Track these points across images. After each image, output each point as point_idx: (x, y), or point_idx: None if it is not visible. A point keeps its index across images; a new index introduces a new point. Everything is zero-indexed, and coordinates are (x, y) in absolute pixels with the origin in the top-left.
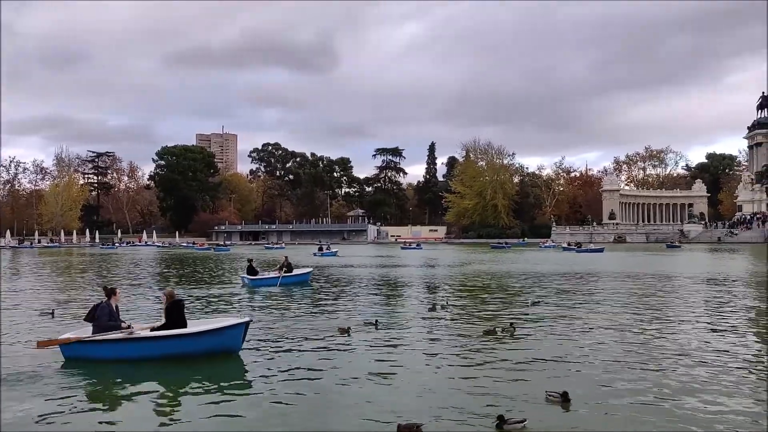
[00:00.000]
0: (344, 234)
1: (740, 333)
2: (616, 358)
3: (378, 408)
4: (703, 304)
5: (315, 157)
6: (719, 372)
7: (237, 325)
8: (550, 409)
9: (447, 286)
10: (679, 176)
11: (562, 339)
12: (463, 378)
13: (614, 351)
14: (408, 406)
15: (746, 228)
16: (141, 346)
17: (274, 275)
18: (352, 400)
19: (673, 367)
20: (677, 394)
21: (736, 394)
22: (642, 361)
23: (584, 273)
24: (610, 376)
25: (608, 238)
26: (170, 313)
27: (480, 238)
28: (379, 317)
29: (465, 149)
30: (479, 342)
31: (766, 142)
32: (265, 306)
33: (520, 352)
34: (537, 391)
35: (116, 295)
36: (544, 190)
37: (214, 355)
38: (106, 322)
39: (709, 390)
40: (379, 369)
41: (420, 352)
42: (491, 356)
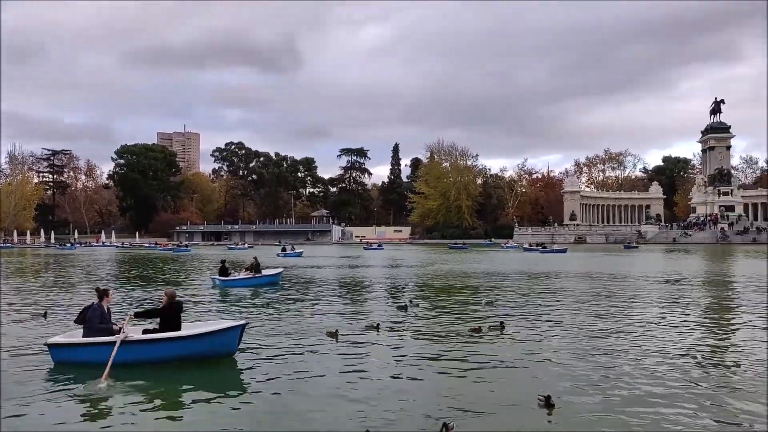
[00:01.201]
0: (308, 234)
1: (711, 332)
2: (585, 357)
3: (373, 411)
4: (663, 303)
5: (279, 157)
6: (682, 370)
7: (233, 328)
8: (535, 413)
9: (415, 286)
10: (637, 178)
11: (534, 339)
12: (443, 380)
13: (582, 350)
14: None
15: (700, 229)
16: (134, 350)
17: (243, 276)
18: (349, 404)
19: (634, 364)
20: (646, 390)
21: (713, 391)
22: (613, 361)
23: (549, 273)
24: (585, 375)
25: (569, 239)
26: (167, 314)
27: (444, 239)
28: (357, 320)
29: (429, 150)
30: (454, 343)
31: (718, 146)
32: (242, 308)
33: (492, 352)
34: (522, 394)
35: (109, 297)
36: (507, 191)
37: (210, 358)
38: (97, 325)
39: (675, 391)
40: (373, 373)
41: (406, 354)
42: (469, 356)
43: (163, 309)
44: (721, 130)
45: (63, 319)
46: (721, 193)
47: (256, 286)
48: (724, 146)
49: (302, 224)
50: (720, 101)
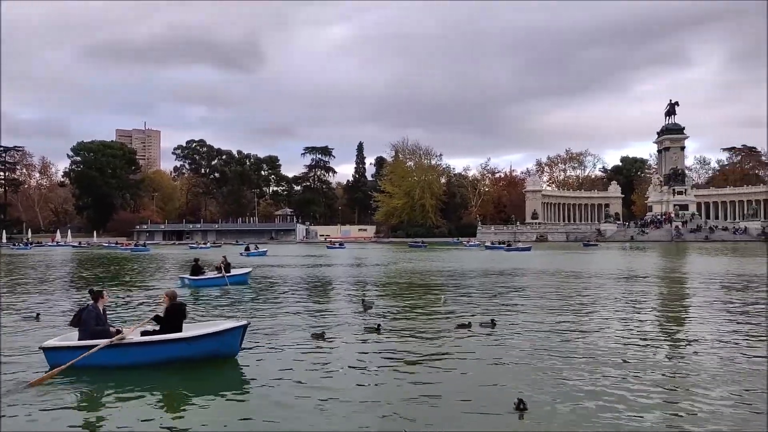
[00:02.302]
0: (272, 233)
1: (671, 328)
2: (558, 357)
3: (373, 412)
4: (623, 300)
5: (242, 155)
6: (650, 368)
7: (235, 329)
8: (507, 416)
9: (383, 286)
10: (597, 178)
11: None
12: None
13: (555, 350)
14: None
15: (656, 227)
16: (132, 352)
17: (212, 275)
18: (351, 405)
19: (605, 363)
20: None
21: (677, 388)
22: (582, 361)
23: (517, 270)
24: (557, 377)
25: (531, 237)
26: (169, 316)
27: (409, 237)
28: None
29: (394, 149)
30: (428, 342)
31: (673, 147)
32: (215, 307)
33: (467, 351)
34: (496, 396)
35: (104, 298)
36: (471, 190)
37: (211, 360)
38: (92, 327)
39: (631, 388)
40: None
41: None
42: (441, 356)
43: (167, 311)
44: (675, 131)
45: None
46: (676, 193)
47: (225, 286)
48: (678, 147)
49: (266, 223)
50: (674, 103)
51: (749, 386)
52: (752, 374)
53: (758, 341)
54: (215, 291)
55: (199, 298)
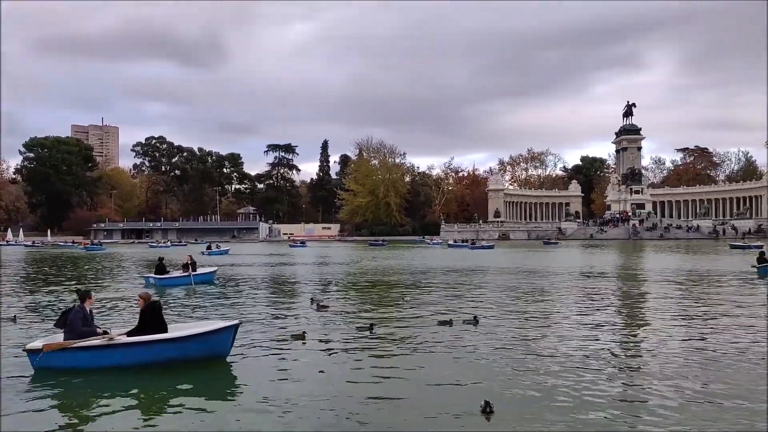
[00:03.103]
0: (234, 232)
1: (628, 326)
2: (523, 357)
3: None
4: (583, 297)
5: (204, 153)
6: (612, 367)
7: (226, 329)
8: (473, 418)
9: (348, 285)
10: (558, 177)
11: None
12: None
13: (520, 349)
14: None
15: (614, 226)
16: (120, 354)
17: (178, 274)
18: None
19: (574, 364)
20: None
21: (647, 387)
22: (550, 361)
23: (482, 268)
24: (523, 377)
25: (493, 235)
26: (146, 316)
27: (373, 236)
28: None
29: (358, 147)
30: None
31: (630, 147)
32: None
33: (435, 351)
34: (463, 398)
35: (91, 299)
36: (434, 189)
37: (201, 361)
38: (80, 328)
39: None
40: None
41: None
42: (407, 356)
43: (143, 313)
44: (633, 132)
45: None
46: (633, 192)
47: (191, 285)
48: (635, 147)
49: (228, 221)
50: (632, 105)
51: (707, 380)
52: (709, 367)
53: (712, 336)
54: (181, 291)
55: (165, 297)
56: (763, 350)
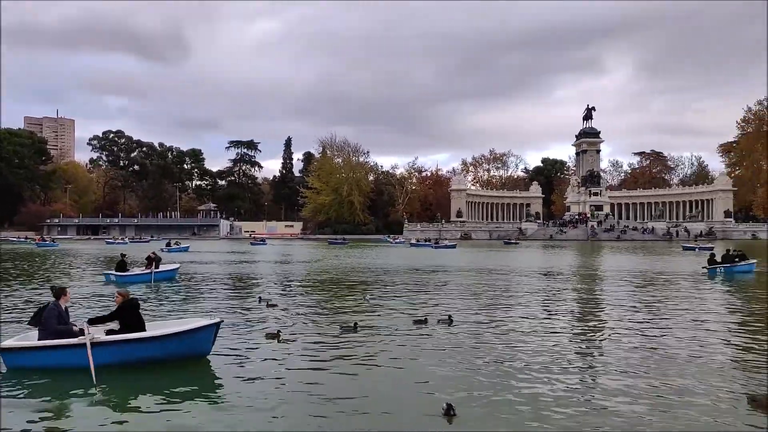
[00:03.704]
0: (194, 229)
1: (586, 325)
2: (484, 358)
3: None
4: (545, 297)
5: (164, 148)
6: (574, 367)
7: (207, 327)
8: (435, 421)
9: (309, 284)
10: (519, 178)
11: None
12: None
13: (482, 349)
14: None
15: (573, 227)
16: (97, 353)
17: (139, 271)
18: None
19: (532, 365)
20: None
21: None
22: (513, 362)
23: (445, 267)
24: (485, 379)
25: (456, 235)
26: (123, 314)
27: (336, 234)
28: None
29: (322, 145)
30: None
31: (590, 149)
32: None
33: (376, 352)
34: (424, 400)
35: (66, 296)
36: (398, 188)
37: (181, 360)
38: (54, 326)
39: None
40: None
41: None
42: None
43: (119, 309)
44: (592, 135)
45: None
46: (592, 194)
47: (153, 282)
48: (594, 150)
49: (188, 218)
50: (591, 108)
51: (664, 377)
52: (665, 365)
53: (665, 334)
54: (142, 288)
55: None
56: (713, 348)
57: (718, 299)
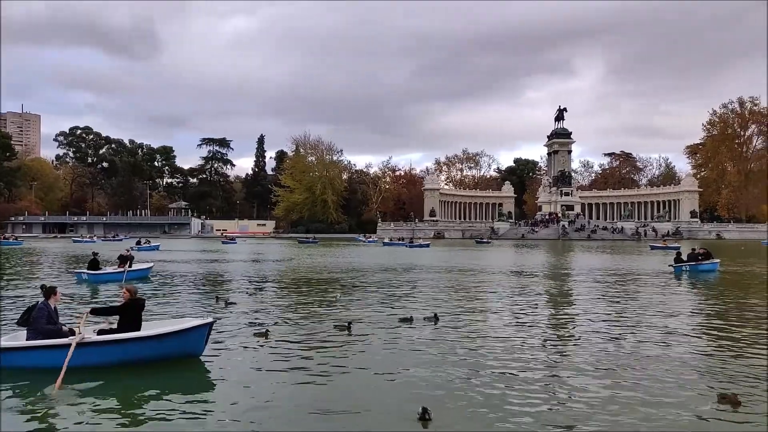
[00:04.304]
0: (165, 227)
1: (556, 323)
2: (458, 359)
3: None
4: (512, 296)
5: (134, 145)
6: (546, 368)
7: (200, 327)
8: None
9: (284, 283)
10: (492, 178)
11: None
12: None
13: (455, 351)
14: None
15: (545, 226)
16: (88, 353)
17: (112, 270)
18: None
19: (504, 367)
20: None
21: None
22: (490, 363)
23: (418, 266)
24: (458, 381)
25: (429, 234)
26: (127, 312)
27: (309, 233)
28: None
29: (295, 144)
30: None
31: (561, 150)
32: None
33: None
34: (397, 403)
35: (56, 295)
36: (372, 187)
37: (174, 360)
38: (44, 326)
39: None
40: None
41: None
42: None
43: (125, 306)
44: (564, 135)
45: None
46: (563, 194)
47: (126, 281)
48: (566, 150)
49: (159, 216)
50: (563, 109)
51: (633, 375)
52: (633, 363)
53: (634, 332)
54: (114, 287)
55: (100, 294)
56: (681, 345)
57: (683, 297)
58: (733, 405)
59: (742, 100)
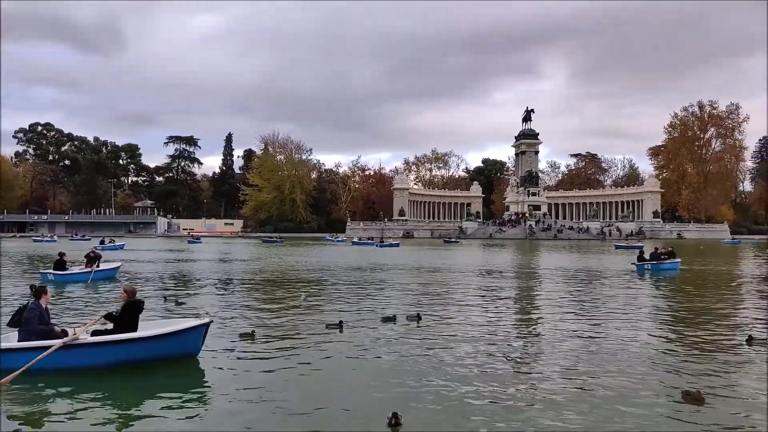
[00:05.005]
0: (130, 226)
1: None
2: (426, 360)
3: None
4: (481, 295)
5: (98, 142)
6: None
7: (197, 327)
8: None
9: (250, 283)
10: (460, 178)
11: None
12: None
13: (423, 353)
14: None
15: (512, 226)
16: (84, 354)
17: (78, 270)
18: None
19: (475, 367)
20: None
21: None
22: (459, 366)
23: (389, 266)
24: (428, 383)
25: (398, 234)
26: (125, 313)
27: (278, 232)
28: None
29: (263, 142)
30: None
31: (529, 150)
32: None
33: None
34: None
35: (47, 295)
36: (341, 186)
37: (171, 360)
38: (37, 326)
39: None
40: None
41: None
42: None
43: (125, 308)
44: (531, 136)
45: None
46: (530, 194)
47: (93, 281)
48: (533, 151)
49: (124, 215)
50: (530, 110)
51: (603, 373)
52: (602, 360)
53: (600, 329)
54: (81, 287)
55: (67, 295)
56: (645, 343)
57: (646, 295)
58: (697, 402)
59: (702, 103)
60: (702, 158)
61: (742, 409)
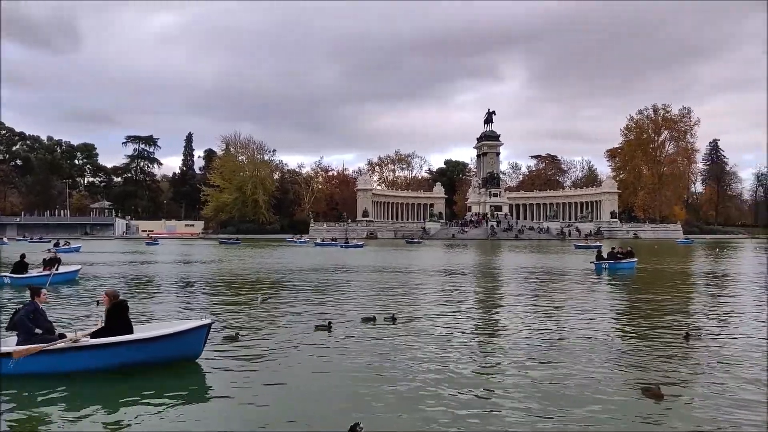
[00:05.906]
0: (87, 228)
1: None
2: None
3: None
4: (443, 295)
5: (52, 141)
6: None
7: (198, 329)
8: None
9: (214, 285)
10: (423, 179)
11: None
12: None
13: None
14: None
15: (474, 226)
16: (82, 357)
17: (36, 273)
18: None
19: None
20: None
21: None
22: (422, 370)
23: (353, 267)
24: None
25: (362, 234)
26: (111, 316)
27: (239, 233)
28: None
29: (225, 143)
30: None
31: (490, 152)
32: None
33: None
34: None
35: (41, 296)
36: (304, 187)
37: (171, 363)
38: (31, 328)
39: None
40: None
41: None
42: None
43: (110, 312)
44: (492, 138)
45: None
46: (492, 195)
47: (53, 284)
48: (494, 153)
49: (80, 217)
50: (492, 112)
51: (565, 370)
52: (559, 357)
53: (559, 325)
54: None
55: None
56: (603, 339)
57: (603, 293)
58: (657, 398)
59: (656, 107)
60: (656, 160)
61: (700, 403)
